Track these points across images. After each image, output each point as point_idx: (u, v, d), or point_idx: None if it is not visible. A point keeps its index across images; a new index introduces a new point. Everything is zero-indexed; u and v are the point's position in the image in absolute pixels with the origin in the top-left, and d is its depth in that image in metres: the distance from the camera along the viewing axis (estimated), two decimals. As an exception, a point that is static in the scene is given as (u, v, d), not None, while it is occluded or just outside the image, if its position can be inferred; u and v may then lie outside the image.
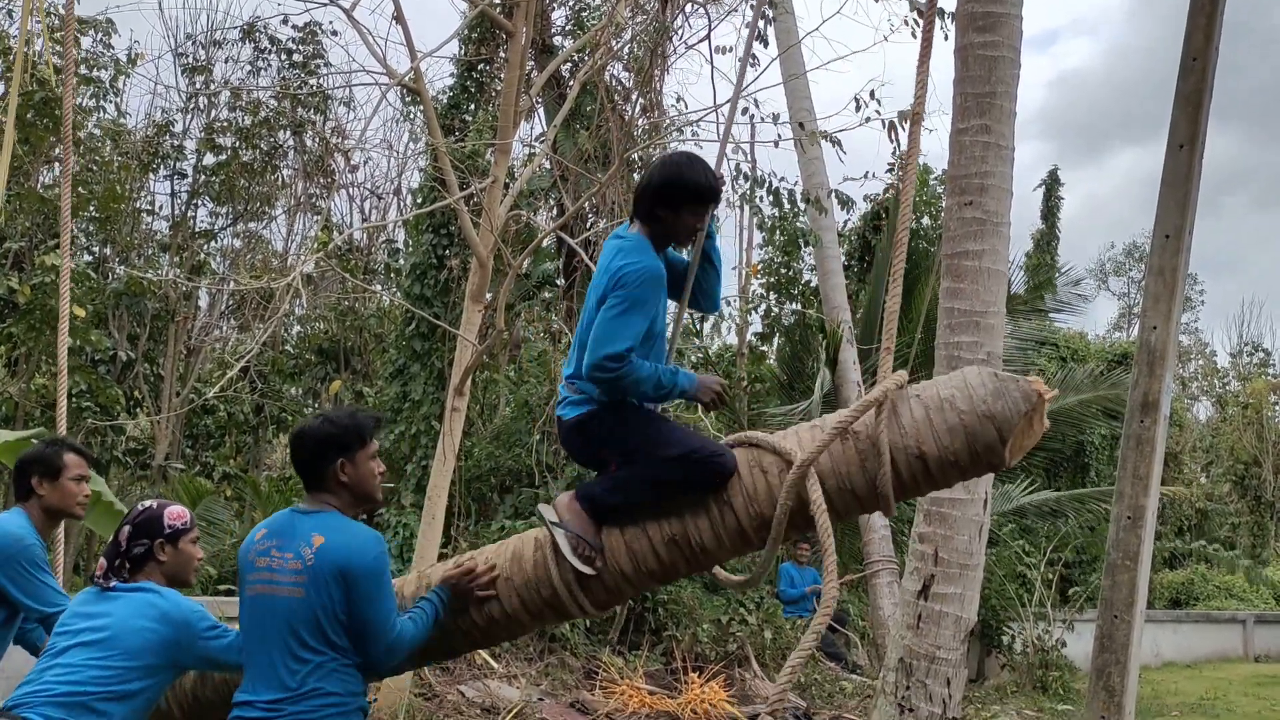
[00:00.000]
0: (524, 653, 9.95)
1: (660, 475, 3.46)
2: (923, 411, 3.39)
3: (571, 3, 14.53)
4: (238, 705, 3.36)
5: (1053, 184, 26.76)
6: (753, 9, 9.76)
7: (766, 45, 11.69)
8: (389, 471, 12.31)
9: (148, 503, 3.71)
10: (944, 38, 9.70)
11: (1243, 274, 60.08)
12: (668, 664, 10.30)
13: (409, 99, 16.86)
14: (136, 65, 15.79)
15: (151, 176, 16.53)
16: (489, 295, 9.11)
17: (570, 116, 11.34)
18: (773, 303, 17.55)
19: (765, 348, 17.58)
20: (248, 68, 17.29)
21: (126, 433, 14.54)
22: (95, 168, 14.79)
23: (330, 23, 20.78)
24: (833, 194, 13.41)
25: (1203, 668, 16.75)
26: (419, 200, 13.64)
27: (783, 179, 13.14)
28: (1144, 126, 67.41)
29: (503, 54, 12.66)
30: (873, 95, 10.84)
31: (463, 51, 13.32)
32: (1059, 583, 13.96)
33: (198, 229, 17.02)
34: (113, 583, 3.52)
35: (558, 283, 13.64)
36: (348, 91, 18.10)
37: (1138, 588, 7.49)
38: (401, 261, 16.85)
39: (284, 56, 16.97)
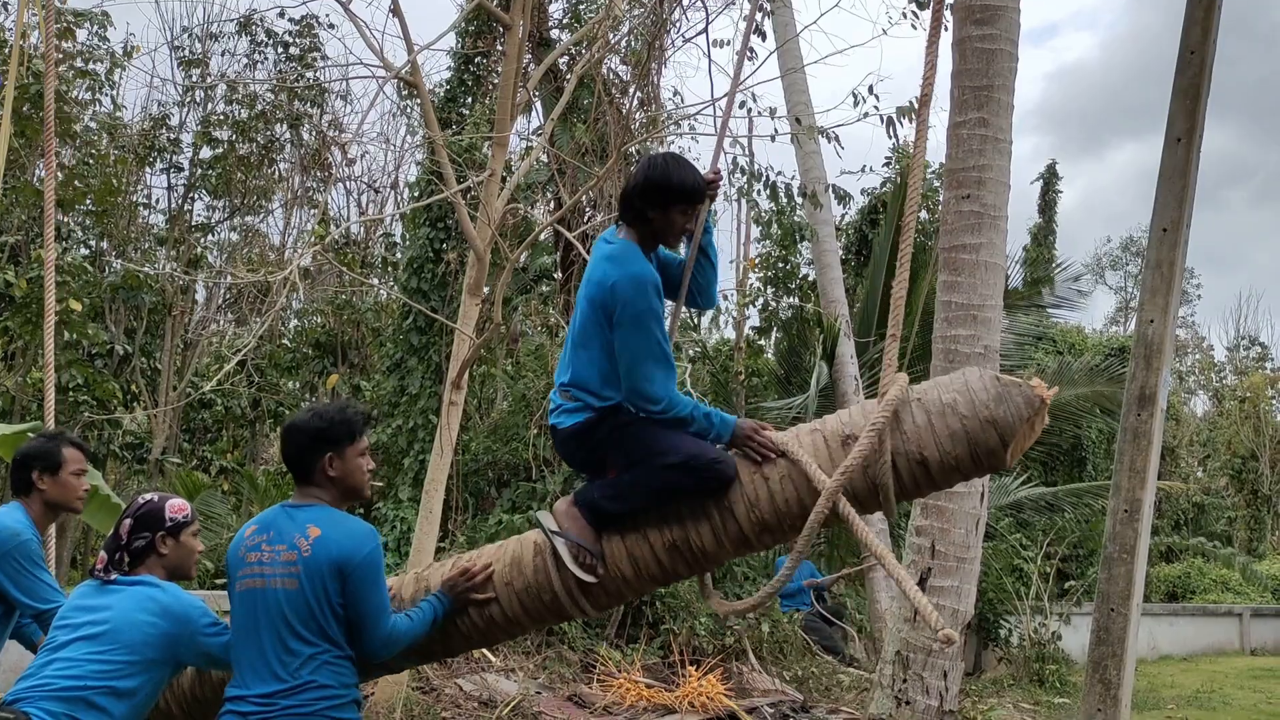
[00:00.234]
0: (522, 646, 9.95)
1: (660, 483, 3.44)
2: (924, 417, 3.36)
3: (569, -4, 14.51)
4: (230, 700, 3.34)
5: (1051, 178, 26.81)
6: (750, 2, 9.74)
7: (764, 39, 11.67)
8: (386, 465, 12.44)
9: (149, 496, 3.67)
10: (944, 28, 9.68)
11: (1240, 268, 60.15)
12: (665, 657, 10.31)
13: (406, 92, 16.83)
14: (132, 58, 15.76)
15: (148, 170, 16.53)
16: (486, 289, 9.10)
17: (567, 110, 11.32)
18: (770, 297, 17.54)
19: (763, 342, 17.59)
20: (244, 61, 17.30)
21: (123, 426, 14.53)
22: (92, 161, 14.75)
23: (327, 16, 20.69)
24: (830, 189, 13.41)
25: (1199, 661, 16.78)
26: (416, 194, 13.63)
27: (779, 173, 13.16)
28: (1143, 120, 67.43)
29: (500, 47, 12.64)
30: (871, 90, 10.83)
31: (460, 45, 13.30)
32: (1056, 576, 13.97)
33: (195, 222, 17.01)
34: (113, 576, 3.49)
35: (555, 276, 13.63)
36: (344, 85, 18.10)
37: (1134, 581, 7.50)
38: (399, 255, 16.83)
39: (280, 50, 16.95)
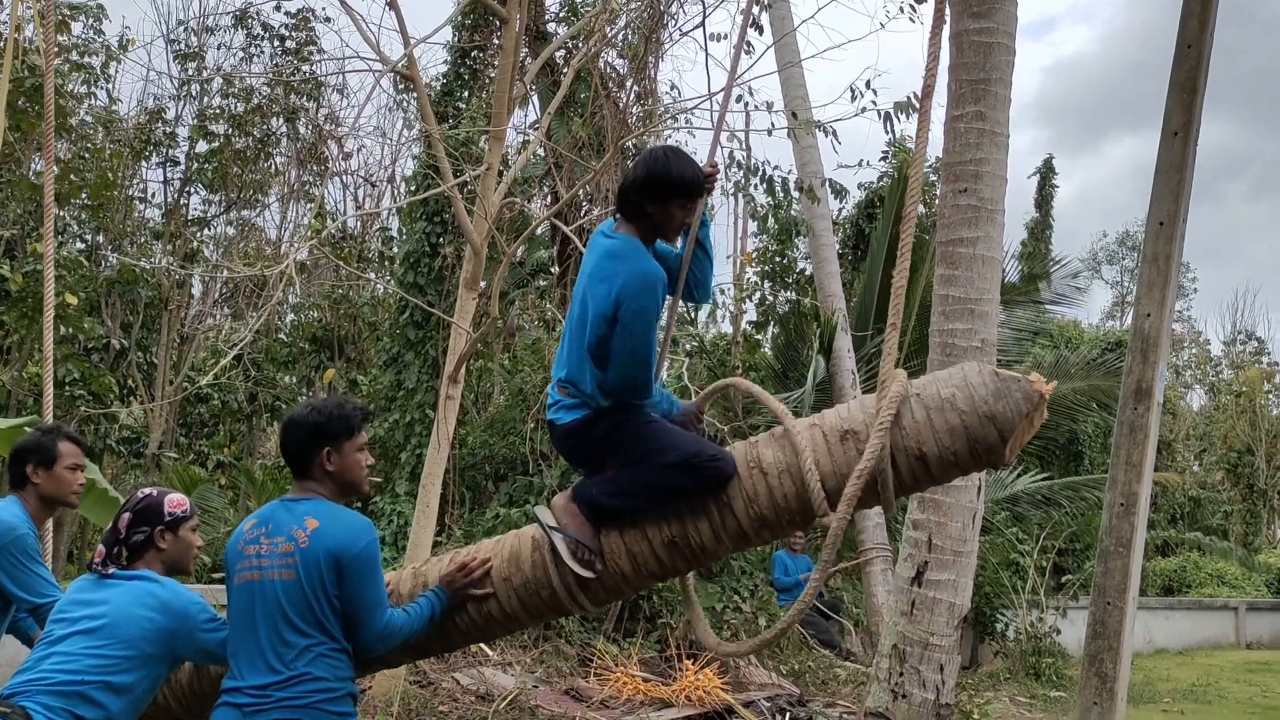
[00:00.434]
0: (519, 640, 9.96)
1: (659, 481, 3.44)
2: (923, 412, 3.35)
3: (565, -11, 14.48)
4: (225, 692, 3.33)
5: (1047, 172, 26.81)
6: (747, -4, 9.72)
7: (761, 33, 11.66)
8: (383, 459, 12.42)
9: (147, 490, 3.66)
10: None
11: (1237, 262, 60.27)
12: (662, 651, 10.31)
13: (402, 86, 16.81)
14: (128, 51, 15.71)
15: (144, 164, 16.49)
16: (483, 283, 9.08)
17: (564, 104, 11.30)
18: (767, 291, 17.54)
19: (760, 336, 17.59)
20: (240, 54, 17.26)
21: (120, 421, 14.51)
22: (87, 155, 14.72)
23: (323, 9, 20.67)
24: (826, 183, 13.40)
25: (1195, 654, 16.82)
26: (413, 188, 13.61)
27: (776, 167, 13.15)
28: (1140, 114, 67.51)
29: (496, 40, 12.61)
30: (868, 85, 10.83)
31: (456, 38, 13.27)
32: (1052, 570, 13.99)
33: (191, 216, 16.98)
34: (111, 570, 3.48)
35: (552, 270, 13.62)
36: (341, 78, 18.05)
37: (1130, 574, 7.51)
38: (395, 249, 16.81)
39: (277, 43, 16.92)
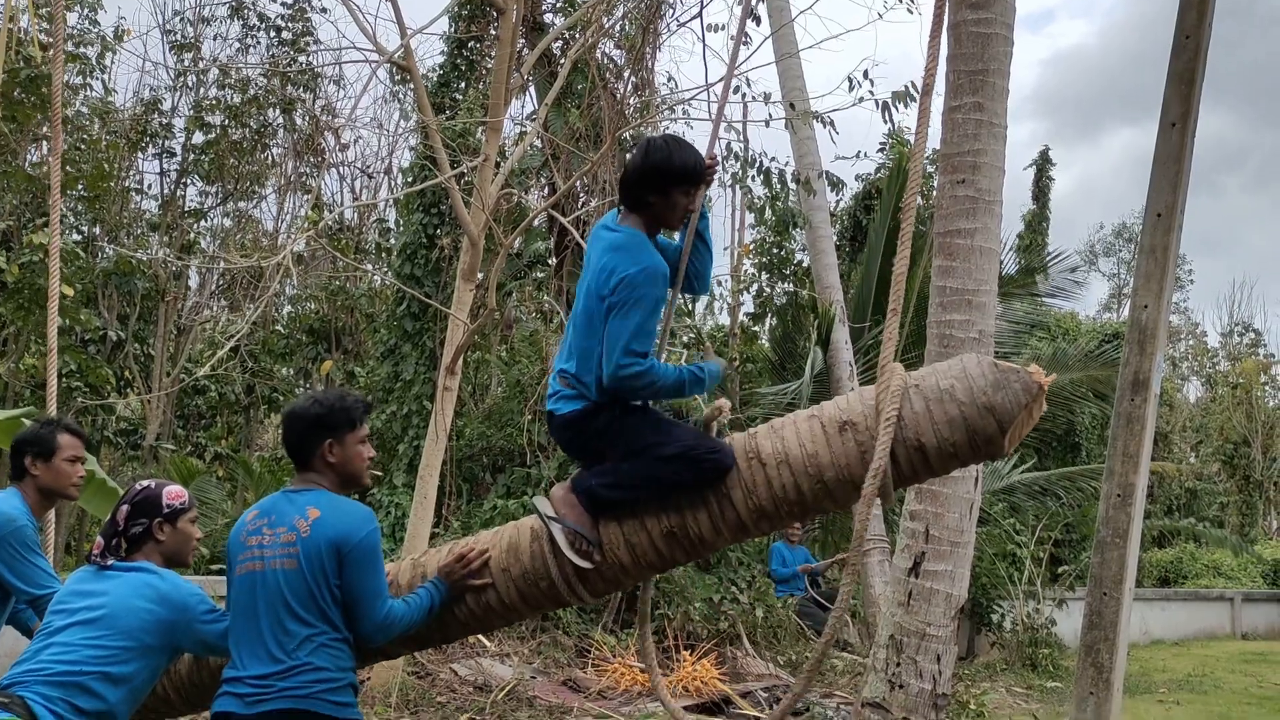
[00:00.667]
0: (517, 632, 9.97)
1: (658, 473, 3.44)
2: (922, 404, 3.35)
3: (563, -21, 14.44)
4: (226, 682, 3.34)
5: (1043, 164, 26.74)
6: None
7: (759, 23, 11.63)
8: (381, 451, 12.41)
9: (146, 482, 3.68)
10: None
11: (1234, 254, 60.32)
12: (660, 642, 10.34)
13: (399, 77, 16.77)
14: (123, 42, 15.67)
15: (140, 155, 16.44)
16: (480, 274, 9.08)
17: (561, 95, 11.28)
18: (765, 283, 17.53)
19: (757, 328, 17.58)
20: (236, 45, 17.20)
21: (117, 412, 14.50)
22: (83, 146, 14.68)
23: None
24: (824, 175, 13.39)
25: (1190, 645, 16.87)
26: (410, 179, 13.58)
27: (774, 159, 13.14)
28: (1139, 106, 67.53)
29: (493, 31, 12.57)
30: (866, 75, 10.83)
31: (453, 29, 13.24)
32: (1049, 561, 14.01)
33: (187, 208, 16.94)
34: (110, 561, 3.49)
35: (549, 262, 13.61)
36: (337, 69, 18.00)
37: (1127, 565, 7.52)
38: (392, 241, 16.79)
39: (273, 34, 16.86)
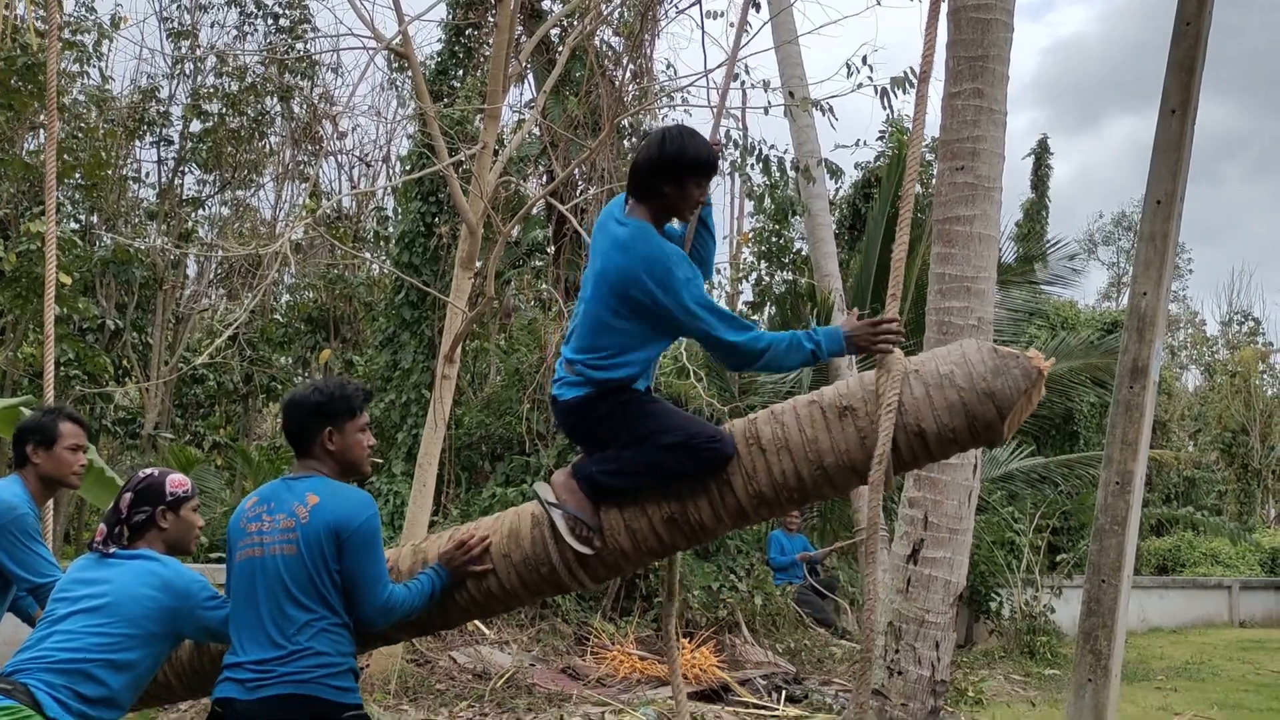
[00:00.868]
0: (516, 619, 9.99)
1: (659, 461, 3.45)
2: (922, 389, 3.35)
3: (561, -34, 14.39)
4: (227, 668, 3.34)
5: (1042, 152, 26.67)
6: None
7: (758, 9, 11.58)
8: (379, 440, 12.40)
9: (149, 470, 3.68)
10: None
11: (1234, 242, 60.33)
12: (658, 630, 10.36)
13: (397, 64, 16.72)
14: (120, 29, 15.60)
15: (137, 143, 16.40)
16: (479, 263, 9.06)
17: (560, 82, 11.24)
18: (764, 271, 17.53)
19: (757, 316, 17.58)
20: (234, 32, 17.15)
21: (115, 401, 14.49)
22: (80, 134, 14.64)
23: (317, -13, 20.53)
24: (823, 163, 13.36)
25: (1188, 633, 16.92)
26: (408, 167, 13.56)
27: (773, 146, 13.11)
28: (1140, 94, 67.52)
29: (491, 18, 12.53)
30: (865, 61, 10.78)
31: (451, 16, 13.19)
32: (1047, 549, 14.05)
33: (185, 196, 16.91)
34: (112, 549, 3.50)
35: (548, 250, 13.59)
36: (335, 57, 17.96)
37: (1125, 552, 7.53)
38: (391, 229, 16.77)
39: (270, 21, 16.81)
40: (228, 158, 16.60)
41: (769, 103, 11.01)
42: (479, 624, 9.62)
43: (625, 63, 12.61)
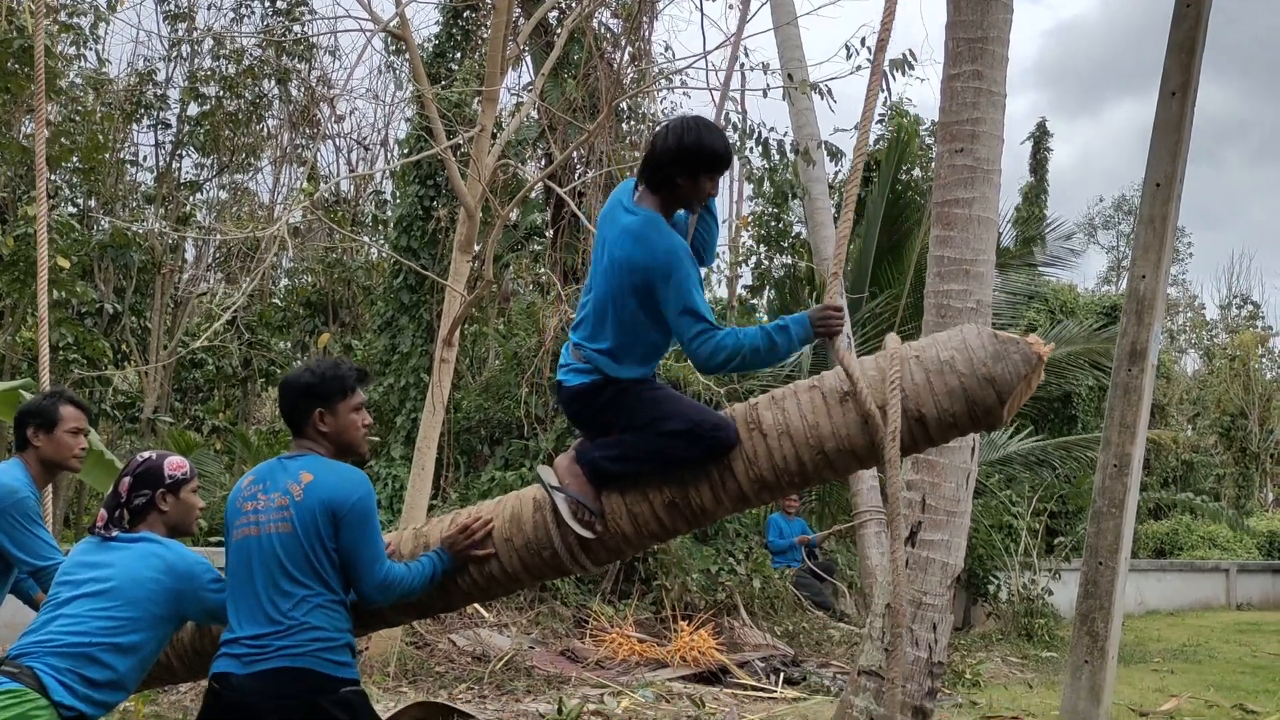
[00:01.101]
0: (515, 602, 10.02)
1: (662, 448, 3.46)
2: (923, 375, 3.35)
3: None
4: (224, 644, 3.36)
5: (1041, 136, 26.57)
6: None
7: (758, -9, 11.55)
8: (378, 424, 12.42)
9: (147, 454, 3.68)
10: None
11: (1234, 227, 60.29)
12: (657, 613, 10.40)
13: (394, 46, 16.66)
14: (116, 11, 15.53)
15: (135, 127, 16.35)
16: (477, 246, 9.05)
17: (558, 65, 11.20)
18: (763, 255, 17.50)
19: (756, 300, 17.57)
20: (231, 15, 17.08)
21: (113, 384, 14.49)
22: (78, 118, 14.59)
23: (314, -31, 20.42)
24: (823, 145, 13.32)
25: (1186, 616, 16.99)
26: (406, 150, 13.52)
27: (772, 129, 13.08)
28: (1141, 76, 67.38)
29: (489, 0, 12.48)
30: (864, 43, 10.75)
31: (449, -2, 13.14)
32: (1045, 532, 14.08)
33: (183, 180, 16.87)
34: (114, 533, 3.51)
35: (546, 234, 13.57)
36: (333, 39, 17.90)
37: (1122, 535, 7.56)
38: (389, 213, 16.74)
39: (267, 3, 16.73)
40: (225, 141, 16.55)
41: (768, 85, 10.95)
42: (478, 607, 9.65)
43: (624, 45, 12.58)
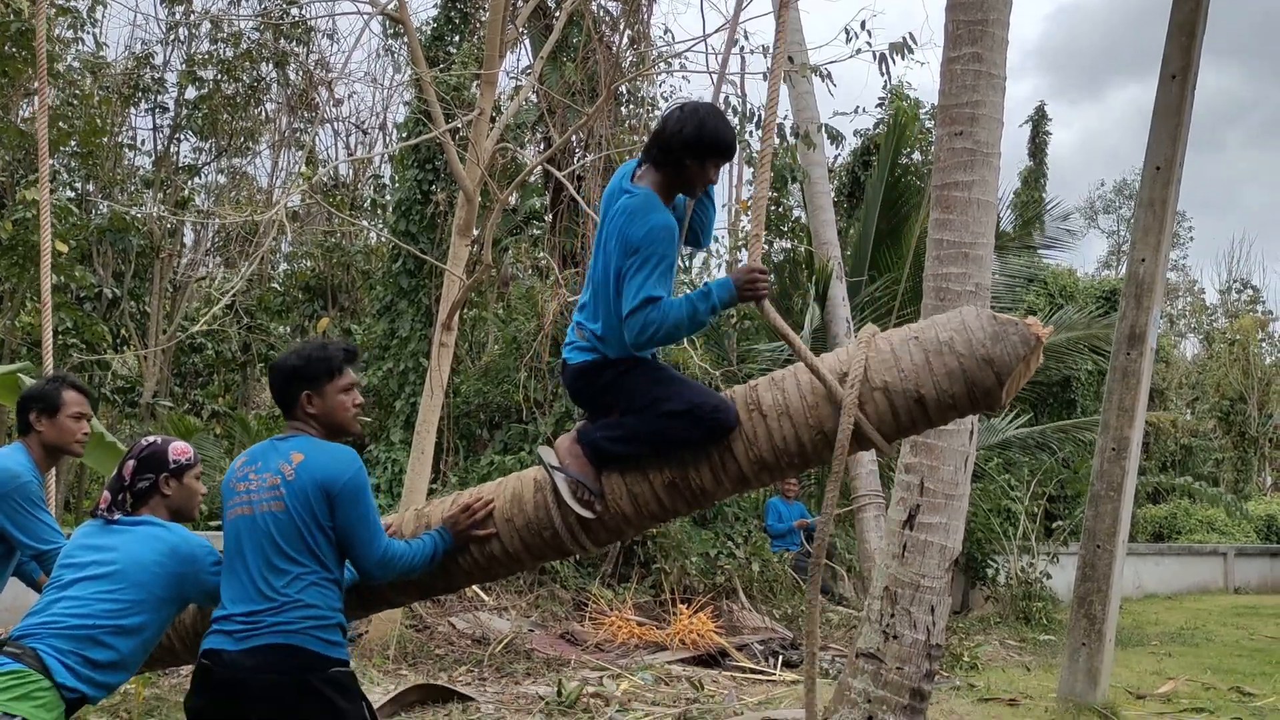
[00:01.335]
0: (514, 585, 10.06)
1: (663, 429, 3.47)
2: (922, 355, 3.36)
3: (558, -69, 14.24)
4: (216, 620, 3.36)
5: (1040, 119, 26.45)
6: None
7: (757, -25, 11.48)
8: (377, 408, 12.42)
9: (151, 438, 3.70)
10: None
11: (1234, 211, 60.18)
12: (656, 596, 10.43)
13: (392, 30, 16.60)
14: (114, -5, 15.45)
15: (132, 110, 16.31)
16: (476, 230, 9.04)
17: (557, 48, 11.17)
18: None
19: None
20: (228, -3, 17.00)
21: (113, 369, 14.49)
22: (75, 102, 14.55)
23: (312, -47, 20.32)
24: (822, 129, 13.30)
25: (1183, 599, 17.05)
26: (404, 134, 13.49)
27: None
28: (1144, 60, 67.13)
29: (488, -17, 12.42)
30: (863, 26, 10.72)
31: (447, -20, 13.09)
32: (1043, 517, 14.11)
33: (181, 164, 16.84)
34: (117, 516, 3.52)
35: (545, 218, 13.55)
36: (331, 22, 17.82)
37: (1120, 518, 7.59)
38: (388, 197, 16.72)
39: (265, -14, 16.66)
40: (223, 125, 16.51)
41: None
42: (478, 590, 9.68)
43: (622, 28, 12.53)
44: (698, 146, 3.50)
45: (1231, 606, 15.98)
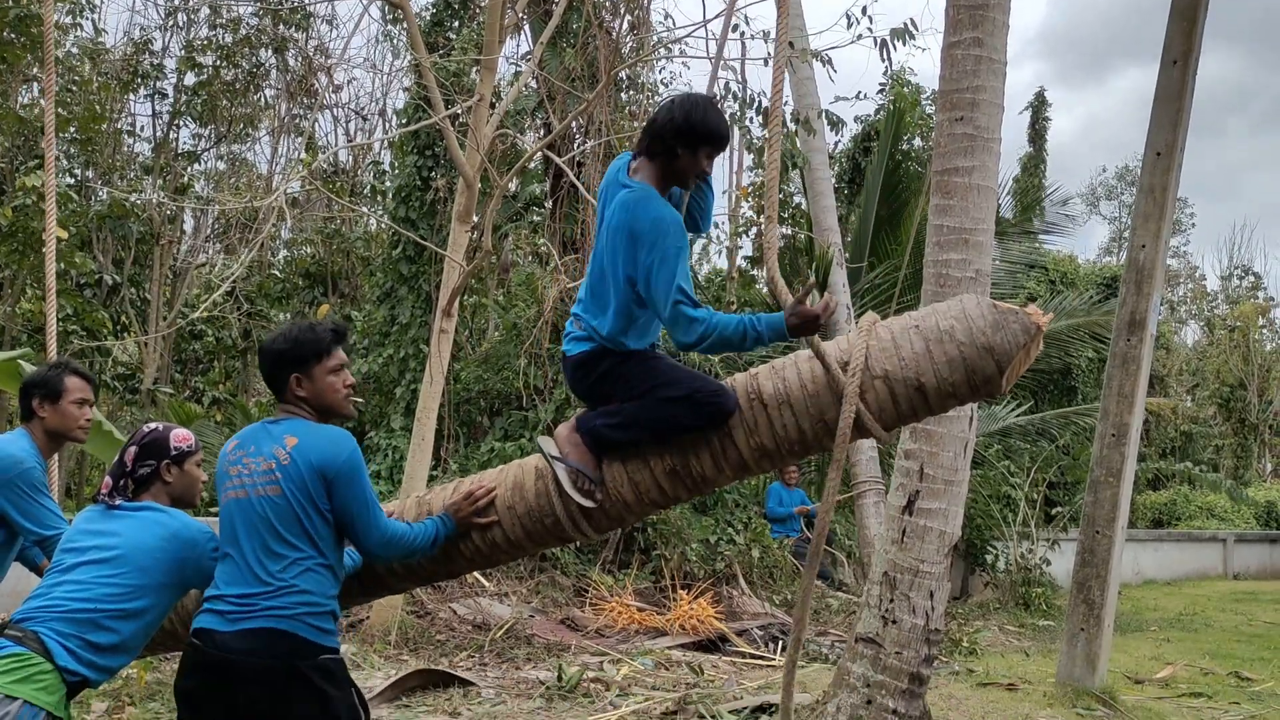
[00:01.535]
0: (515, 571, 10.08)
1: (662, 415, 3.48)
2: (922, 343, 3.37)
3: (558, -84, 14.17)
4: (208, 600, 3.35)
5: (1040, 105, 26.37)
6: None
7: (757, -40, 11.44)
8: (377, 395, 12.42)
9: (153, 425, 3.71)
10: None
11: (1236, 198, 60.06)
12: (657, 582, 10.46)
13: (391, 15, 16.55)
14: (113, -20, 15.41)
15: (132, 97, 16.27)
16: (476, 216, 9.03)
17: (557, 34, 11.13)
18: (763, 226, 17.42)
19: (755, 271, 17.53)
20: (227, -17, 16.93)
21: (113, 355, 14.50)
22: (74, 88, 14.52)
23: (311, -62, 20.22)
24: (823, 115, 13.26)
25: (1183, 585, 17.09)
26: (404, 120, 13.46)
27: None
28: (1146, 45, 66.89)
29: (488, -31, 12.38)
30: (864, 12, 10.68)
31: (446, -34, 13.03)
32: (1043, 503, 14.14)
33: (180, 150, 16.81)
34: (118, 501, 3.53)
35: (545, 204, 13.53)
36: (330, 8, 17.76)
37: (1120, 504, 7.60)
38: (387, 183, 16.69)
39: (264, -28, 16.58)
40: (223, 111, 16.48)
41: (769, 54, 10.87)
42: (479, 576, 9.70)
43: (622, 14, 12.48)
44: (689, 134, 3.51)
45: (1230, 592, 16.02)
